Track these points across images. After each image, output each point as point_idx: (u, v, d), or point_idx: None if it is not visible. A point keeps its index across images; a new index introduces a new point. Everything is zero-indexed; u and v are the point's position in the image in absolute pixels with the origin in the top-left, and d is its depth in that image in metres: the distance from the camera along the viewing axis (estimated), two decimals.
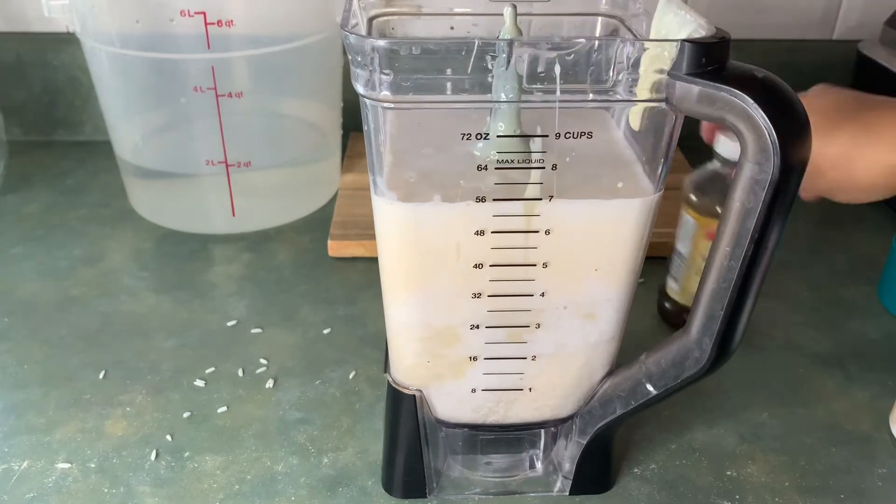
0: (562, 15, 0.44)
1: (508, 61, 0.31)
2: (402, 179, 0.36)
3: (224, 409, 0.50)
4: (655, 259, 0.64)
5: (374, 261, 0.39)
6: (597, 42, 0.31)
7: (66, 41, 0.79)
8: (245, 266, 0.64)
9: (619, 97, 0.33)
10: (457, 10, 0.43)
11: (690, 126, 0.35)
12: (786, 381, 0.53)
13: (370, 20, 0.41)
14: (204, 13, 0.57)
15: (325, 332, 0.57)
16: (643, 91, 0.32)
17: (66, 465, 0.46)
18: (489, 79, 0.31)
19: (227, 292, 0.61)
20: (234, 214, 0.67)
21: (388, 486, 0.44)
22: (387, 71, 0.31)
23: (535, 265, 0.37)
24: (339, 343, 0.56)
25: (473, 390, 0.41)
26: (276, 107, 0.69)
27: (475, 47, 0.31)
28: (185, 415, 0.49)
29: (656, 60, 0.32)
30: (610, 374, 0.41)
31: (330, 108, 0.71)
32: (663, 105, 0.33)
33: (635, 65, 0.32)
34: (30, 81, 0.81)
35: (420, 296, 0.38)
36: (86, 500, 0.43)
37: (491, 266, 0.36)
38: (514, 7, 0.36)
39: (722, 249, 0.34)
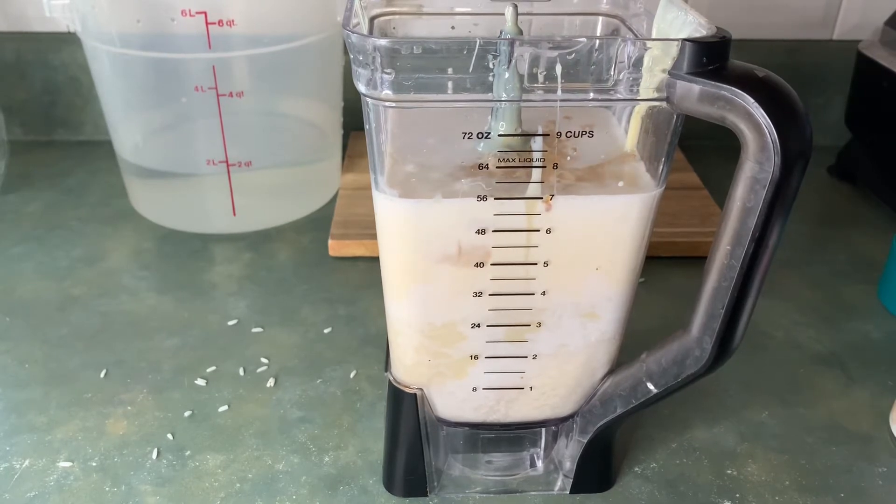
0: (562, 14, 0.44)
1: (510, 61, 0.31)
2: (403, 177, 0.36)
3: (225, 408, 0.50)
4: (656, 259, 0.64)
5: (374, 260, 0.39)
6: (598, 41, 0.31)
7: (67, 41, 0.79)
8: (246, 266, 0.64)
9: (620, 96, 0.33)
10: (458, 9, 0.43)
11: (691, 125, 0.36)
12: (786, 381, 0.53)
13: (371, 20, 0.42)
14: (205, 13, 0.57)
15: (326, 331, 0.57)
16: (646, 90, 0.32)
17: (68, 464, 0.46)
18: (490, 78, 0.31)
19: (227, 292, 0.61)
20: (234, 214, 0.67)
21: (389, 485, 0.44)
22: (388, 70, 0.31)
23: (536, 264, 0.37)
24: (340, 342, 0.56)
25: (474, 389, 0.41)
26: (276, 106, 0.69)
27: (476, 47, 0.31)
28: (186, 414, 0.49)
29: (659, 60, 0.32)
30: (611, 372, 0.41)
31: (330, 107, 0.71)
32: (664, 104, 0.33)
33: (636, 64, 0.32)
34: (30, 81, 0.81)
35: (421, 294, 0.38)
36: (87, 498, 0.43)
37: (492, 265, 0.36)
38: (515, 7, 0.36)
39: (722, 248, 0.34)
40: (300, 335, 0.57)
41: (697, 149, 0.78)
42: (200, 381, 0.52)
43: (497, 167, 0.35)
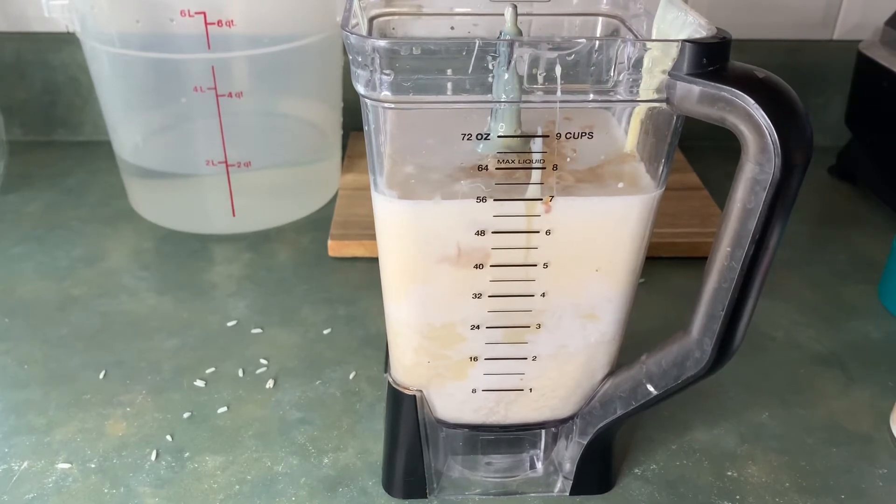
0: (562, 15, 0.44)
1: (509, 62, 0.31)
2: (403, 178, 0.36)
3: (224, 409, 0.50)
4: (655, 259, 0.64)
5: (374, 261, 0.39)
6: (597, 42, 0.31)
7: (66, 41, 0.79)
8: (245, 266, 0.64)
9: (619, 97, 0.33)
10: (457, 10, 0.43)
11: (690, 126, 0.35)
12: (786, 381, 0.53)
13: (371, 20, 0.41)
14: (204, 13, 0.57)
15: (326, 332, 0.57)
16: (646, 91, 0.32)
17: (67, 466, 0.46)
18: (490, 79, 0.31)
19: (227, 292, 0.61)
20: (234, 214, 0.67)
21: (389, 487, 0.44)
22: (387, 71, 0.31)
23: (535, 265, 0.37)
24: (340, 343, 0.56)
25: (474, 390, 0.41)
26: (276, 107, 0.69)
27: (476, 47, 0.31)
28: (186, 415, 0.49)
29: (659, 61, 0.32)
30: (611, 374, 0.41)
31: (330, 108, 0.71)
32: (664, 105, 0.33)
33: (636, 65, 0.32)
34: (30, 81, 0.81)
35: (420, 295, 0.38)
36: (86, 500, 0.43)
37: (491, 266, 0.36)
38: (515, 7, 0.36)
39: (722, 250, 0.34)
40: (300, 336, 0.56)
41: (697, 149, 0.78)
42: (200, 383, 0.52)
43: (496, 168, 0.35)
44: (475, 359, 0.39)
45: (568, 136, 0.34)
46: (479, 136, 0.34)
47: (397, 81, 0.31)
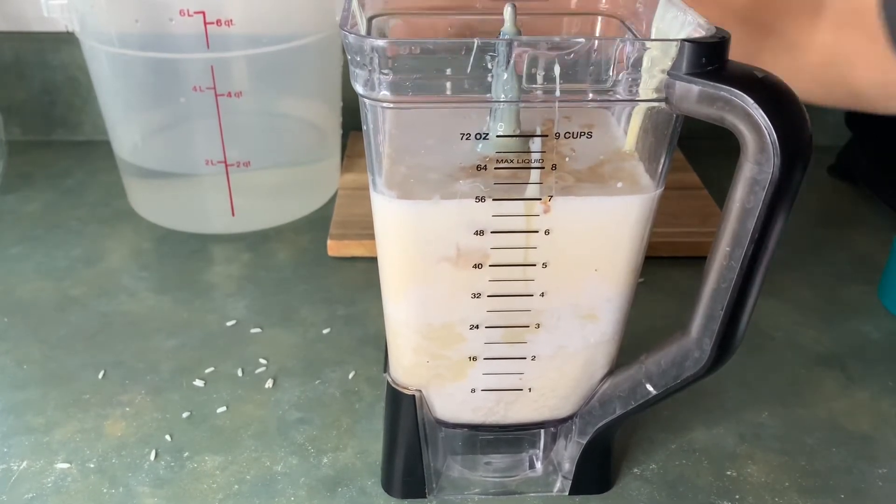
0: (562, 14, 0.44)
1: (508, 61, 0.31)
2: (402, 178, 0.36)
3: (223, 409, 0.50)
4: (655, 259, 0.64)
5: (374, 260, 0.39)
6: (596, 42, 0.31)
7: (66, 41, 0.78)
8: (245, 266, 0.64)
9: (618, 97, 0.32)
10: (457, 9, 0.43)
11: (690, 125, 0.35)
12: (786, 381, 0.53)
13: (369, 20, 0.41)
14: (203, 12, 0.57)
15: (325, 331, 0.57)
16: (645, 91, 0.32)
17: (65, 466, 0.45)
18: (488, 79, 0.31)
19: (226, 292, 0.61)
20: (233, 214, 0.67)
21: (388, 487, 0.44)
22: (386, 71, 0.31)
23: (534, 265, 0.36)
24: (339, 343, 0.56)
25: (473, 390, 0.40)
26: (275, 106, 0.69)
27: (474, 47, 0.31)
28: (185, 415, 0.49)
29: (658, 60, 0.31)
30: (610, 374, 0.41)
31: (330, 107, 0.71)
32: (663, 105, 0.33)
33: (635, 64, 0.32)
34: (29, 81, 0.81)
35: (419, 295, 0.38)
36: (85, 500, 0.43)
37: (490, 266, 0.36)
38: (514, 6, 0.36)
39: (722, 249, 0.34)
40: (299, 336, 0.56)
41: (697, 149, 0.78)
42: (199, 382, 0.52)
43: (496, 168, 0.35)
44: (474, 359, 0.39)
45: (567, 135, 0.34)
46: (478, 136, 0.34)
47: (396, 81, 0.31)
